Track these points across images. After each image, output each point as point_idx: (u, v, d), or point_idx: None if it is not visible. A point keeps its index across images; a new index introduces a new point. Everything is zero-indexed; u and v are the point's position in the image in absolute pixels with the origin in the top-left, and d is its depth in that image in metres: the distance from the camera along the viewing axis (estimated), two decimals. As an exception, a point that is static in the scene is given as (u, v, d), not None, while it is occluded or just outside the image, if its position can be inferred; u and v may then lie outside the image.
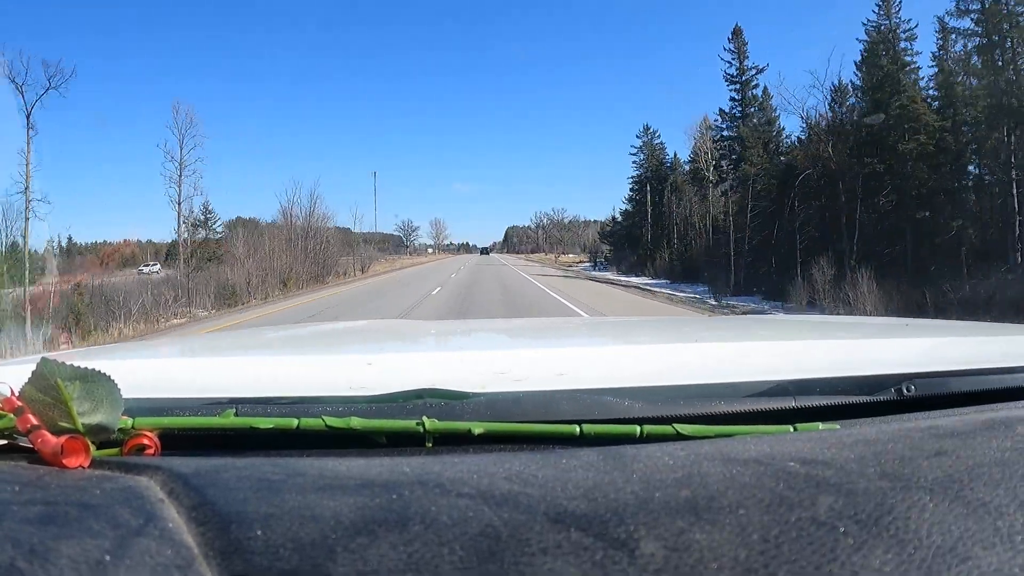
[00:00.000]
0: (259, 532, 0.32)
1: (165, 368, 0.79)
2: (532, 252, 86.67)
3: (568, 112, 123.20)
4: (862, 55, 18.01)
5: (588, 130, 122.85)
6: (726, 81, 24.47)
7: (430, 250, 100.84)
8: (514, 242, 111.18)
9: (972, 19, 15.12)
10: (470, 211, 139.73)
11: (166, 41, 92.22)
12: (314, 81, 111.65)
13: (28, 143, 12.89)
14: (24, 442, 0.45)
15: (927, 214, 15.71)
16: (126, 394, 0.46)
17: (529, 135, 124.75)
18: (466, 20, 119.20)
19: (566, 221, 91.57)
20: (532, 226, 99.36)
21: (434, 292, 17.01)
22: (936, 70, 16.90)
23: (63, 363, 0.44)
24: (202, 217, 26.96)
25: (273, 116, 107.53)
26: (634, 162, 37.05)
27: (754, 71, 23.89)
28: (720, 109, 25.08)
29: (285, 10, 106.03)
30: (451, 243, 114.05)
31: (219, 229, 29.65)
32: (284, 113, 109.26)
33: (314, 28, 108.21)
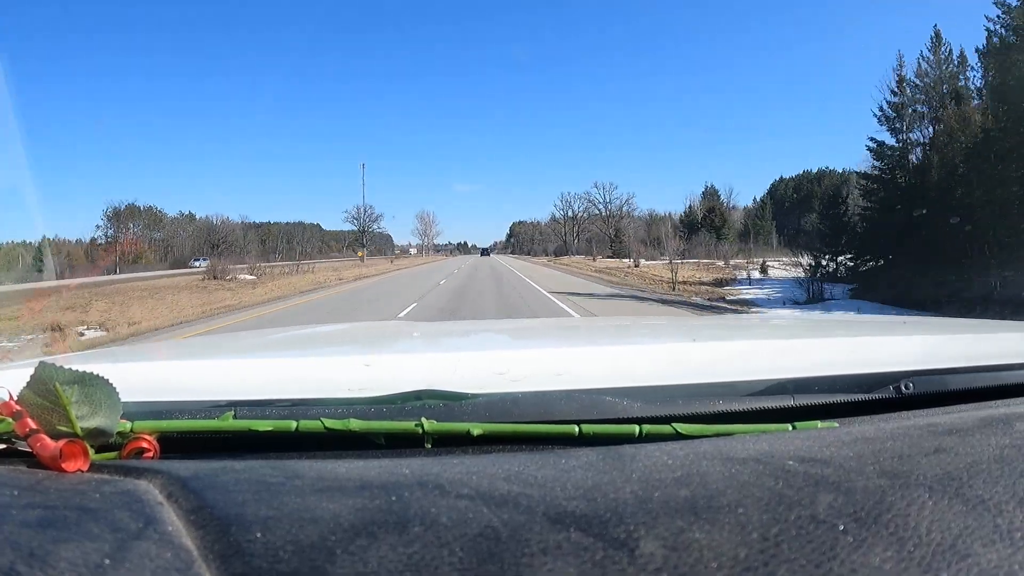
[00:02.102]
0: (258, 534, 0.32)
1: (163, 371, 0.79)
2: (557, 255, 59.17)
3: (567, 98, 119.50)
4: None
5: (589, 119, 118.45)
6: None
7: (412, 250, 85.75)
8: (522, 240, 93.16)
9: None
10: (470, 208, 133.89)
11: (162, 39, 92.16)
12: (310, 79, 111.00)
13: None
14: (23, 446, 0.45)
15: None
16: (124, 397, 0.46)
17: (530, 127, 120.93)
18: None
19: (618, 207, 56.61)
20: (555, 218, 71.30)
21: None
22: None
23: (61, 367, 0.44)
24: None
25: (270, 116, 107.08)
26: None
27: None
28: None
29: (284, 9, 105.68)
30: (448, 242, 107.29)
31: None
32: (281, 113, 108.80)
33: (307, 26, 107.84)
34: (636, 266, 30.23)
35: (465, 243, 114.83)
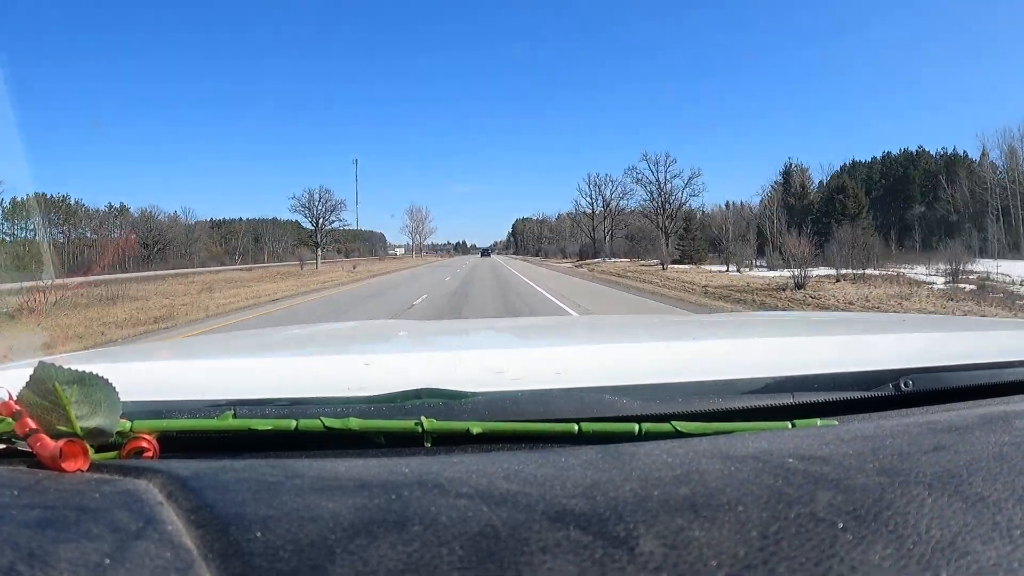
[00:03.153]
0: (258, 534, 0.32)
1: (163, 371, 0.79)
2: (583, 257, 47.89)
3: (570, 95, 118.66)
4: None
5: (593, 113, 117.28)
6: None
7: (399, 250, 79.07)
8: (526, 239, 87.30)
9: None
10: (470, 207, 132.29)
11: (164, 38, 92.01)
12: (308, 77, 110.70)
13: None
14: (22, 446, 0.45)
15: None
16: (124, 397, 0.46)
17: (532, 122, 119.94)
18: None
19: (680, 188, 36.82)
20: (578, 209, 55.85)
21: None
22: None
23: (61, 367, 0.44)
24: None
25: (270, 117, 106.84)
26: None
27: None
28: None
29: (279, 5, 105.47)
30: (447, 241, 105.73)
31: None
32: (280, 114, 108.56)
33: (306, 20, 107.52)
34: (801, 287, 13.73)
35: (464, 242, 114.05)
